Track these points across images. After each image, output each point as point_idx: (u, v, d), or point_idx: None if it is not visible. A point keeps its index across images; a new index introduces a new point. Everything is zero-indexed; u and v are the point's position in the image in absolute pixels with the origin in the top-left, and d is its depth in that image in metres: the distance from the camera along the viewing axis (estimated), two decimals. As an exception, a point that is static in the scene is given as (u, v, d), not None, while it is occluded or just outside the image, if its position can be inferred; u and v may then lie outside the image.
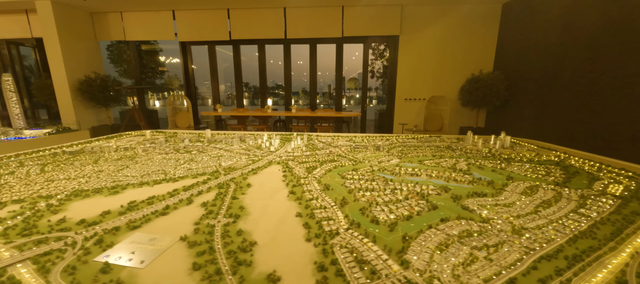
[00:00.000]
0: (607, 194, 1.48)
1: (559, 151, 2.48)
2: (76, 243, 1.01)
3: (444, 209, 1.31)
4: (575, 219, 1.20)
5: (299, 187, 1.60)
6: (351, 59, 8.15)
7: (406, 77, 5.97)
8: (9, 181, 1.71)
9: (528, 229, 1.11)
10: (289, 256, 0.95)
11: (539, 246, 0.99)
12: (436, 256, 0.93)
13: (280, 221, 1.20)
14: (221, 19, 6.03)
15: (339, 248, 0.98)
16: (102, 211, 1.27)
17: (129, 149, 2.59)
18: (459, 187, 1.62)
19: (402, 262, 0.90)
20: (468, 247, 0.98)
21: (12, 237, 1.06)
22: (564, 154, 2.37)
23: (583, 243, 1.02)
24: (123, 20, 6.17)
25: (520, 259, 0.91)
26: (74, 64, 5.78)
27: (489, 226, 1.14)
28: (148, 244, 1.02)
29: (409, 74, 5.93)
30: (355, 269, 0.86)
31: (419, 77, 5.91)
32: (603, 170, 1.92)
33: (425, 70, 5.84)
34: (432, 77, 5.85)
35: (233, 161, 2.18)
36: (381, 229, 1.12)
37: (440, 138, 3.17)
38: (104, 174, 1.84)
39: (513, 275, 0.83)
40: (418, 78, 5.92)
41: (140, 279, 0.83)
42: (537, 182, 1.69)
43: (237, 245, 1.00)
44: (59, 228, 1.13)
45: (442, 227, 1.12)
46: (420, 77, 5.90)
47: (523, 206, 1.34)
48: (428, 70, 5.83)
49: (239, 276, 0.84)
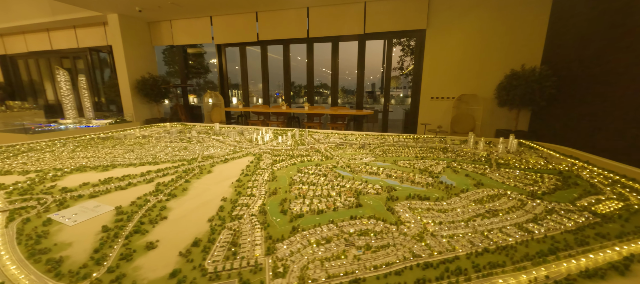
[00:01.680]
0: (589, 210, 1.22)
1: (579, 160, 2.06)
2: (46, 203, 1.30)
3: (367, 208, 1.26)
4: (509, 232, 1.04)
5: (250, 176, 1.70)
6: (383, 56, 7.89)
7: (432, 74, 5.55)
8: (45, 156, 2.21)
9: (436, 237, 1.01)
10: (181, 231, 1.06)
11: (430, 254, 0.90)
12: (308, 249, 0.93)
13: (204, 203, 1.32)
14: (250, 22, 6.48)
15: (225, 229, 1.05)
16: (82, 183, 1.57)
17: (147, 137, 3.04)
18: (410, 188, 1.51)
19: (269, 249, 0.93)
20: (350, 244, 0.95)
21: (14, 194, 1.41)
22: (582, 163, 1.97)
23: (485, 258, 0.89)
24: (172, 27, 7.11)
25: (390, 262, 0.85)
26: (133, 66, 6.90)
27: (395, 228, 1.07)
28: (91, 210, 1.24)
29: (436, 71, 5.50)
30: (222, 248, 0.93)
31: (447, 74, 5.43)
32: (617, 184, 1.56)
33: (455, 66, 5.34)
34: (462, 74, 5.32)
35: (217, 150, 2.40)
36: (283, 219, 1.15)
37: (440, 139, 2.91)
38: (110, 155, 2.22)
39: (368, 276, 0.79)
40: (446, 75, 5.44)
41: (62, 232, 1.04)
42: (509, 190, 1.47)
43: (151, 218, 1.15)
44: (45, 191, 1.45)
45: (342, 224, 1.10)
46: (448, 74, 5.42)
47: (462, 213, 1.20)
48: (458, 66, 5.32)
49: (128, 239, 0.98)
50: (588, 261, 0.85)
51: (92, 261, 0.86)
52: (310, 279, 0.78)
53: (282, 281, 0.77)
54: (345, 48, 6.31)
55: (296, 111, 6.03)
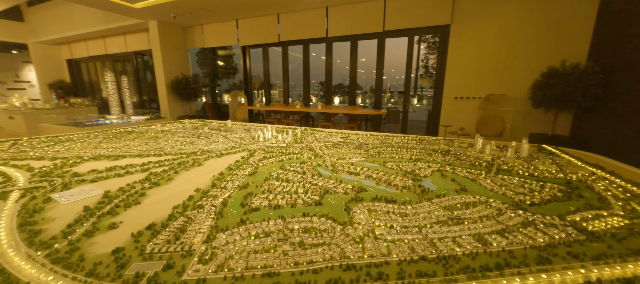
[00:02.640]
0: (576, 226, 1.06)
1: (604, 169, 1.78)
2: (54, 185, 1.52)
3: (326, 207, 1.25)
4: (462, 242, 0.96)
5: (233, 170, 1.79)
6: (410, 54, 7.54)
7: (456, 73, 5.19)
8: (77, 145, 2.55)
9: (379, 240, 0.97)
10: (145, 215, 1.17)
11: (360, 257, 0.87)
12: (244, 241, 0.97)
13: (178, 192, 1.42)
14: (273, 23, 6.70)
15: (182, 217, 1.13)
16: (91, 169, 1.80)
17: (165, 132, 3.34)
18: (382, 190, 1.46)
19: (209, 238, 0.98)
20: (283, 240, 0.96)
21: (36, 176, 1.67)
22: (604, 173, 1.70)
23: (418, 266, 0.83)
24: (203, 31, 7.66)
25: (314, 261, 0.85)
26: (169, 68, 7.58)
27: (340, 228, 1.05)
28: (85, 193, 1.42)
29: (460, 69, 5.13)
30: (169, 233, 1.01)
31: (473, 72, 5.03)
32: (636, 199, 1.32)
33: (482, 63, 4.93)
34: (490, 72, 4.89)
35: (218, 146, 2.55)
36: (238, 212, 1.20)
37: (446, 142, 2.72)
38: (126, 147, 2.50)
39: (283, 270, 0.80)
40: (471, 73, 5.05)
41: (53, 210, 1.21)
42: (493, 198, 1.34)
43: (127, 202, 1.28)
44: (60, 175, 1.69)
45: (290, 220, 1.11)
46: (474, 72, 5.02)
47: (422, 219, 1.13)
48: (485, 63, 4.90)
49: (99, 219, 1.11)
50: (532, 280, 0.76)
51: (61, 234, 1.00)
52: (228, 268, 0.81)
53: (202, 267, 0.81)
54: (374, 46, 6.18)
55: (310, 110, 6.09)
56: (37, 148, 2.41)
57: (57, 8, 8.48)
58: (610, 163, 1.90)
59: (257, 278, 0.77)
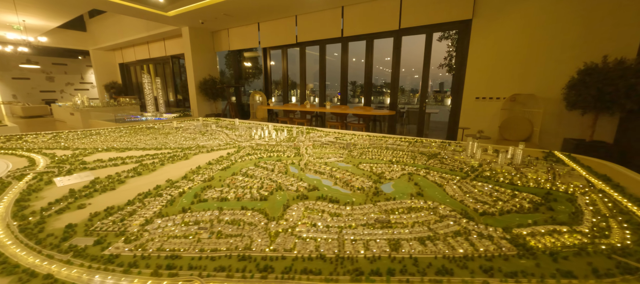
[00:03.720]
0: (513, 241, 0.97)
1: (612, 181, 1.54)
2: (62, 170, 1.80)
3: (268, 202, 1.30)
4: (370, 245, 0.94)
5: (211, 165, 1.93)
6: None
7: (478, 71, 4.81)
8: (100, 138, 2.95)
9: (295, 236, 1.00)
10: (111, 199, 1.34)
11: (262, 250, 0.92)
12: (173, 226, 1.07)
13: (151, 182, 1.59)
14: (291, 25, 6.88)
15: (136, 202, 1.27)
16: (96, 159, 2.08)
17: (178, 128, 3.67)
18: (334, 190, 1.47)
19: (146, 221, 1.10)
20: (203, 228, 1.04)
21: (54, 162, 1.99)
22: (606, 186, 1.47)
23: (310, 263, 0.85)
24: (229, 35, 8.16)
25: (218, 249, 0.91)
26: (199, 70, 8.22)
27: (265, 221, 1.10)
28: (80, 178, 1.66)
29: (483, 67, 4.75)
30: (118, 215, 1.15)
31: (497, 70, 4.62)
32: (621, 216, 1.14)
33: (507, 60, 4.50)
34: (516, 69, 4.44)
35: (214, 142, 2.74)
36: (188, 201, 1.31)
37: (439, 144, 2.56)
38: (136, 140, 2.82)
39: (185, 254, 0.88)
40: (495, 71, 4.64)
41: (48, 190, 1.45)
42: (446, 204, 1.26)
43: (104, 186, 1.48)
44: (71, 162, 1.99)
45: (227, 212, 1.19)
46: (498, 69, 4.61)
47: (352, 219, 1.12)
48: (511, 60, 4.47)
49: (74, 199, 1.31)
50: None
51: (39, 210, 1.21)
52: (143, 248, 0.91)
53: (123, 245, 0.93)
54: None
55: (320, 109, 6.14)
56: (70, 140, 2.85)
57: (110, 18, 9.73)
58: (626, 174, 1.64)
59: (160, 259, 0.86)
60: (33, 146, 2.49)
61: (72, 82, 13.19)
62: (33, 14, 6.39)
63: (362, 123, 5.31)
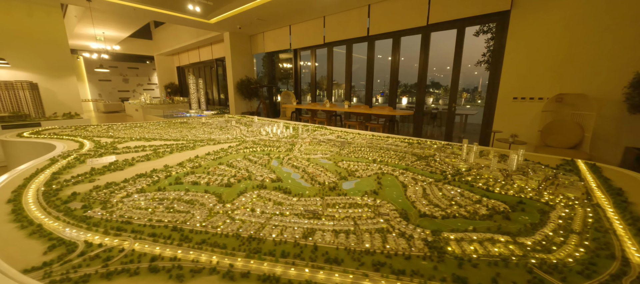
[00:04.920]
0: (434, 242, 0.93)
1: (616, 195, 1.31)
2: (96, 153, 2.23)
3: (230, 189, 1.45)
4: (283, 231, 1.01)
5: (209, 155, 2.17)
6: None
7: (517, 67, 4.30)
8: (141, 130, 3.50)
9: (230, 217, 1.12)
10: (113, 178, 1.64)
11: (191, 227, 1.06)
12: (139, 201, 1.29)
13: (151, 166, 1.88)
14: (319, 26, 7.04)
15: (130, 180, 1.55)
16: (125, 146, 2.51)
17: (205, 123, 4.12)
18: (296, 183, 1.55)
19: (126, 195, 1.35)
20: (161, 202, 1.23)
21: (95, 147, 2.47)
22: (605, 198, 1.26)
23: (225, 241, 0.96)
24: (264, 38, 8.70)
25: (160, 220, 1.09)
26: (237, 71, 8.95)
27: (212, 204, 1.24)
28: (105, 160, 2.05)
29: (523, 63, 4.22)
30: (111, 188, 1.42)
31: (540, 67, 4.07)
32: (591, 234, 0.99)
33: (551, 55, 3.93)
34: (563, 66, 3.85)
35: (225, 136, 3.03)
36: (162, 183, 1.54)
37: (439, 147, 2.40)
38: (164, 132, 3.27)
39: (135, 222, 1.07)
40: (537, 68, 4.09)
41: (77, 168, 1.85)
42: (395, 205, 1.24)
43: (115, 168, 1.81)
44: (107, 147, 2.44)
45: (190, 194, 1.37)
46: (541, 66, 4.05)
47: (290, 209, 1.20)
48: (556, 55, 3.89)
49: (89, 176, 1.65)
50: (280, 269, 0.79)
51: (63, 181, 1.56)
52: (110, 213, 1.14)
53: (100, 210, 1.17)
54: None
55: (338, 109, 6.15)
56: (117, 130, 3.45)
57: (169, 28, 11.20)
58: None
59: (116, 222, 1.07)
60: (90, 134, 3.11)
61: (142, 83, 15.52)
62: (107, 26, 7.78)
63: (380, 123, 5.18)
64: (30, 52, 4.99)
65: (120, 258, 0.85)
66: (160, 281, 0.75)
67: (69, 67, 5.63)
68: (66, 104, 5.62)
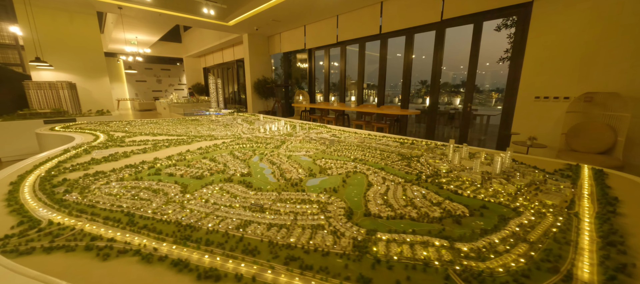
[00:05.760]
0: (356, 241, 0.90)
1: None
2: (104, 145, 2.46)
3: (201, 181, 1.52)
4: (224, 220, 1.04)
5: (200, 150, 2.29)
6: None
7: (540, 64, 3.94)
8: (154, 126, 3.78)
9: (187, 206, 1.19)
10: (109, 167, 1.80)
11: (144, 211, 1.14)
12: (114, 188, 1.41)
13: (144, 158, 2.03)
14: (332, 26, 7.03)
15: (120, 170, 1.69)
16: (131, 140, 2.74)
17: (214, 121, 4.33)
18: (263, 178, 1.58)
19: (107, 182, 1.48)
20: (130, 190, 1.34)
21: (108, 138, 2.72)
22: (588, 208, 1.12)
23: (165, 228, 1.02)
24: (281, 39, 8.89)
25: (122, 206, 1.18)
26: (255, 71, 9.25)
27: (173, 193, 1.32)
28: (108, 151, 2.26)
29: (546, 59, 3.86)
30: (108, 174, 1.57)
31: (566, 63, 3.69)
32: (542, 244, 0.89)
33: (579, 51, 3.54)
34: (593, 62, 3.45)
35: (226, 132, 3.17)
36: (144, 173, 1.66)
37: (428, 147, 2.28)
38: (171, 129, 3.50)
39: (106, 207, 1.18)
40: (563, 64, 3.71)
41: (84, 157, 2.06)
42: (350, 204, 1.22)
43: (114, 157, 1.99)
44: (115, 140, 2.68)
45: (161, 183, 1.46)
46: (567, 62, 3.67)
47: (243, 201, 1.23)
48: (584, 50, 3.50)
49: (88, 165, 1.83)
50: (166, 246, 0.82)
51: (63, 167, 1.75)
52: (83, 198, 1.26)
53: (76, 195, 1.30)
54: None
55: (346, 108, 6.08)
56: (136, 125, 3.76)
57: (196, 31, 11.89)
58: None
59: (82, 205, 1.18)
60: (108, 129, 3.43)
61: (173, 83, 16.67)
62: (138, 31, 8.48)
63: (385, 123, 5.04)
64: (70, 55, 5.65)
65: (66, 236, 0.94)
66: (88, 258, 0.83)
67: (103, 69, 6.26)
68: (100, 102, 6.26)
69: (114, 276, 0.75)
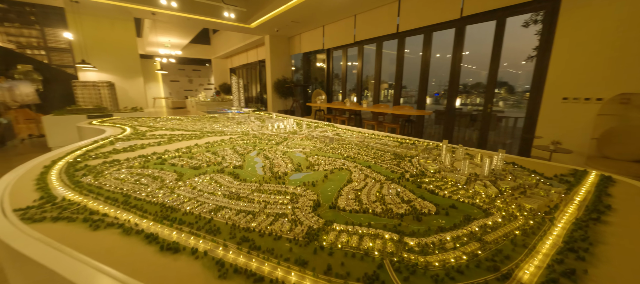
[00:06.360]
0: (308, 234, 0.96)
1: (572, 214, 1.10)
2: (127, 138, 2.76)
3: (195, 170, 1.68)
4: (199, 204, 1.16)
5: (207, 144, 2.48)
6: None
7: (569, 61, 3.64)
8: (175, 122, 4.11)
9: (175, 193, 1.34)
10: (125, 156, 2.04)
11: (127, 194, 1.30)
12: (122, 173, 1.60)
13: (156, 149, 2.26)
14: (350, 25, 7.03)
15: (132, 160, 1.91)
16: (152, 134, 3.02)
17: (230, 119, 4.59)
18: (253, 170, 1.69)
19: (118, 169, 1.69)
20: (129, 168, 1.52)
21: (131, 132, 3.04)
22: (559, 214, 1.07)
23: (141, 206, 1.16)
24: (300, 40, 9.07)
25: (123, 188, 1.36)
26: (275, 72, 9.54)
27: (170, 180, 1.48)
28: (130, 143, 2.53)
29: (576, 56, 3.55)
30: (122, 162, 1.80)
31: (599, 60, 3.36)
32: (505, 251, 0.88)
33: (616, 45, 3.21)
34: (631, 58, 3.10)
35: (236, 129, 3.36)
36: (154, 162, 1.85)
37: (426, 149, 2.22)
38: (188, 125, 3.78)
39: (104, 188, 1.37)
40: (596, 61, 3.39)
41: (108, 148, 2.34)
42: (322, 198, 1.29)
43: (132, 149, 2.24)
44: (138, 133, 2.99)
45: (162, 171, 1.64)
46: (600, 59, 3.35)
47: (224, 191, 1.35)
48: (623, 45, 3.16)
49: (108, 154, 2.09)
50: (133, 220, 0.93)
51: (87, 154, 2.02)
52: (91, 185, 1.47)
53: (90, 176, 1.52)
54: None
55: (359, 108, 6.03)
56: (160, 122, 4.13)
57: (223, 34, 12.55)
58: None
59: (91, 187, 1.38)
60: (136, 124, 3.81)
61: (203, 83, 17.73)
62: (170, 34, 9.17)
63: (398, 124, 4.93)
64: (110, 58, 6.33)
65: (72, 209, 1.12)
66: (82, 228, 0.99)
67: (138, 70, 6.91)
68: (135, 100, 6.92)
69: (95, 242, 0.90)
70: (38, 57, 9.25)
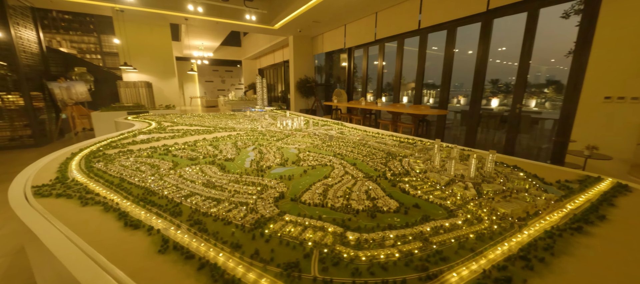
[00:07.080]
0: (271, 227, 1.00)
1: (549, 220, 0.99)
2: (148, 131, 3.07)
3: (190, 161, 1.82)
4: (181, 193, 1.27)
5: (215, 139, 2.66)
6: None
7: (613, 56, 3.20)
8: (198, 119, 4.44)
9: (165, 181, 1.48)
10: (142, 147, 2.29)
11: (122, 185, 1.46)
12: (130, 161, 1.81)
13: (171, 142, 2.48)
14: (371, 24, 6.92)
15: (145, 149, 2.14)
16: (172, 128, 3.31)
17: (247, 116, 4.82)
18: (240, 163, 1.79)
19: (127, 158, 1.91)
20: (136, 156, 1.70)
21: (156, 126, 3.37)
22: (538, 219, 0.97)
23: (135, 192, 1.31)
24: (323, 39, 9.14)
25: (124, 173, 1.54)
26: (298, 71, 9.73)
27: (165, 168, 1.63)
28: (151, 135, 2.82)
29: (621, 49, 3.11)
30: (134, 152, 2.03)
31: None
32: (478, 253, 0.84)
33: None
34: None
35: (247, 126, 3.54)
36: (160, 152, 2.05)
37: (422, 148, 2.11)
38: (209, 121, 4.05)
39: (111, 172, 1.56)
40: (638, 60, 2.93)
41: (126, 139, 2.64)
42: (302, 192, 1.33)
43: (151, 140, 2.50)
44: (160, 127, 3.30)
45: (163, 161, 1.81)
46: (651, 53, 2.88)
47: (206, 182, 1.46)
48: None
49: (131, 144, 2.36)
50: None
51: (111, 144, 2.30)
52: (99, 170, 1.68)
53: (100, 164, 1.74)
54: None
55: (373, 107, 5.88)
56: (185, 118, 4.49)
57: (252, 36, 13.12)
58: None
59: (99, 171, 1.58)
60: (162, 120, 4.20)
61: (234, 83, 18.70)
62: (203, 38, 9.85)
63: (410, 124, 4.73)
64: (148, 60, 7.04)
65: (74, 189, 1.31)
66: (75, 204, 1.15)
67: (172, 71, 7.58)
68: (169, 98, 7.60)
69: (78, 215, 1.05)
70: (95, 61, 10.62)
